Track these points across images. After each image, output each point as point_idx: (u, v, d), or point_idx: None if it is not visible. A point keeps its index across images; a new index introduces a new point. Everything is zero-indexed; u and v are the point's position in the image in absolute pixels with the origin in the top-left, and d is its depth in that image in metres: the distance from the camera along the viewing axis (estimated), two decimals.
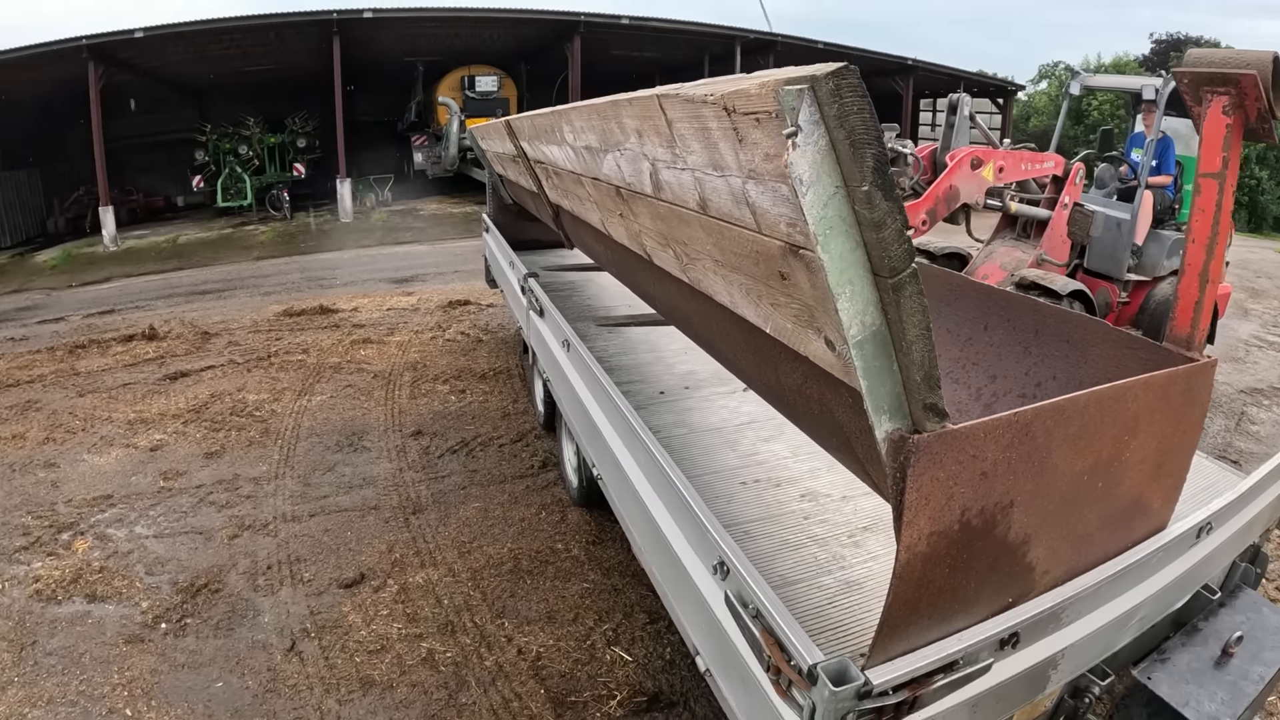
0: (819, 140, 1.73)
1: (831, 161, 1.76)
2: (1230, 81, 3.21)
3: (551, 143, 4.69)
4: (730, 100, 1.91)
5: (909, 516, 2.14)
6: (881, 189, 1.75)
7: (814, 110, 1.70)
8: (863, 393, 1.98)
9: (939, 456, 2.16)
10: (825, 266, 1.81)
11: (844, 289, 1.85)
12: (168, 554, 6.05)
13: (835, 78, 1.67)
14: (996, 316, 4.33)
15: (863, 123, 1.72)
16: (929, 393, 2.01)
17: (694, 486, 4.33)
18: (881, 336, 1.95)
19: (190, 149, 25.90)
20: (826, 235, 1.79)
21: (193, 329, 12.02)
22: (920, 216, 8.83)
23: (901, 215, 1.80)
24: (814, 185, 1.75)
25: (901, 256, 1.83)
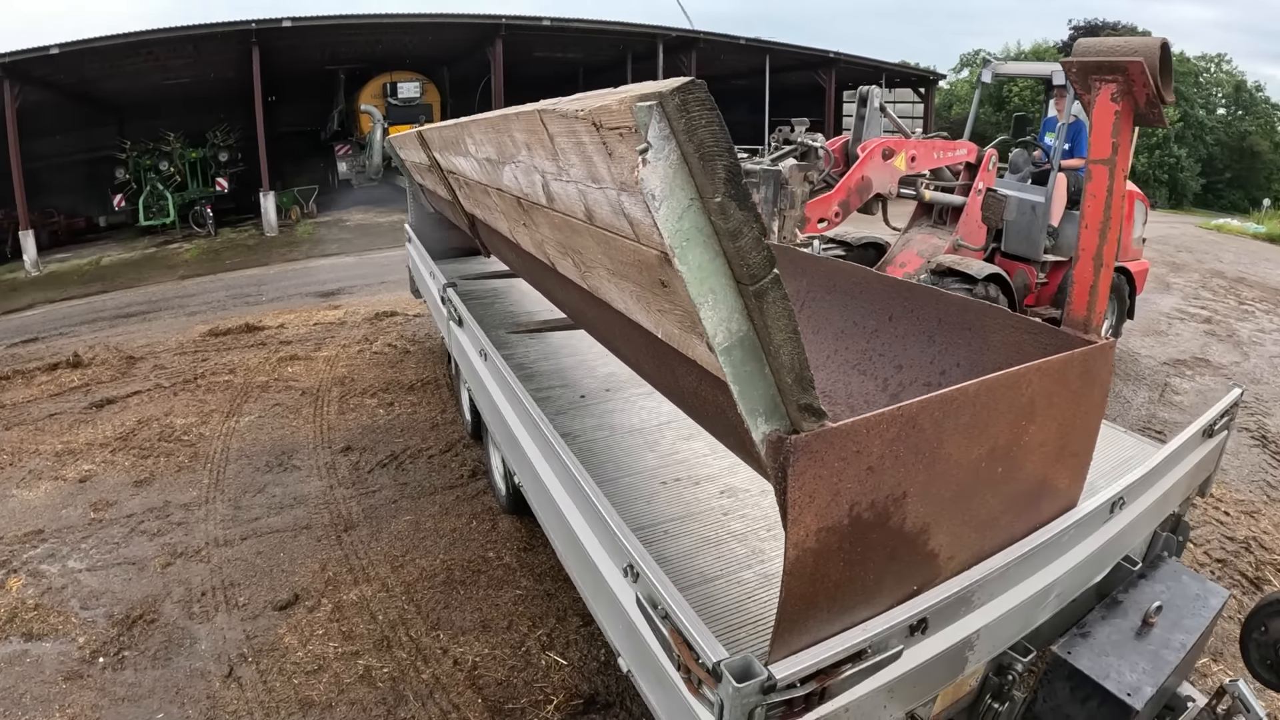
0: (670, 155, 1.75)
1: (684, 174, 1.79)
2: (1117, 69, 3.29)
3: (458, 154, 4.69)
4: (597, 116, 1.93)
5: (794, 514, 2.18)
6: (735, 199, 1.78)
7: (663, 125, 1.72)
8: (734, 397, 2.01)
9: (819, 455, 2.19)
10: (685, 277, 1.83)
11: (706, 298, 1.88)
12: (102, 587, 5.94)
13: (681, 93, 1.70)
14: (901, 307, 4.39)
15: (711, 135, 1.74)
16: (802, 394, 2.04)
17: (616, 488, 4.41)
18: (749, 342, 1.98)
19: (111, 167, 25.43)
20: (684, 247, 1.81)
21: (118, 354, 11.77)
22: (833, 209, 8.93)
23: (757, 224, 1.83)
24: (667, 199, 1.77)
25: (761, 264, 1.86)
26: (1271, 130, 53.92)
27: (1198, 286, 18.25)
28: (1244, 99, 54.92)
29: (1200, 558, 6.48)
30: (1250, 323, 14.94)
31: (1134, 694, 3.22)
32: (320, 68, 27.93)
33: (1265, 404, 10.37)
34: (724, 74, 35.20)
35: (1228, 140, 51.81)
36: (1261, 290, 18.49)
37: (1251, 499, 7.64)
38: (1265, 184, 49.82)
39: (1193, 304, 16.21)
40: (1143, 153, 44.70)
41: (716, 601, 3.37)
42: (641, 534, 3.92)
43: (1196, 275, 19.77)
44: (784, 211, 8.50)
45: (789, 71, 34.33)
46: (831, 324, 4.84)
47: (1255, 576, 6.29)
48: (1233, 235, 31.47)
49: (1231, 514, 7.28)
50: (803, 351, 1.99)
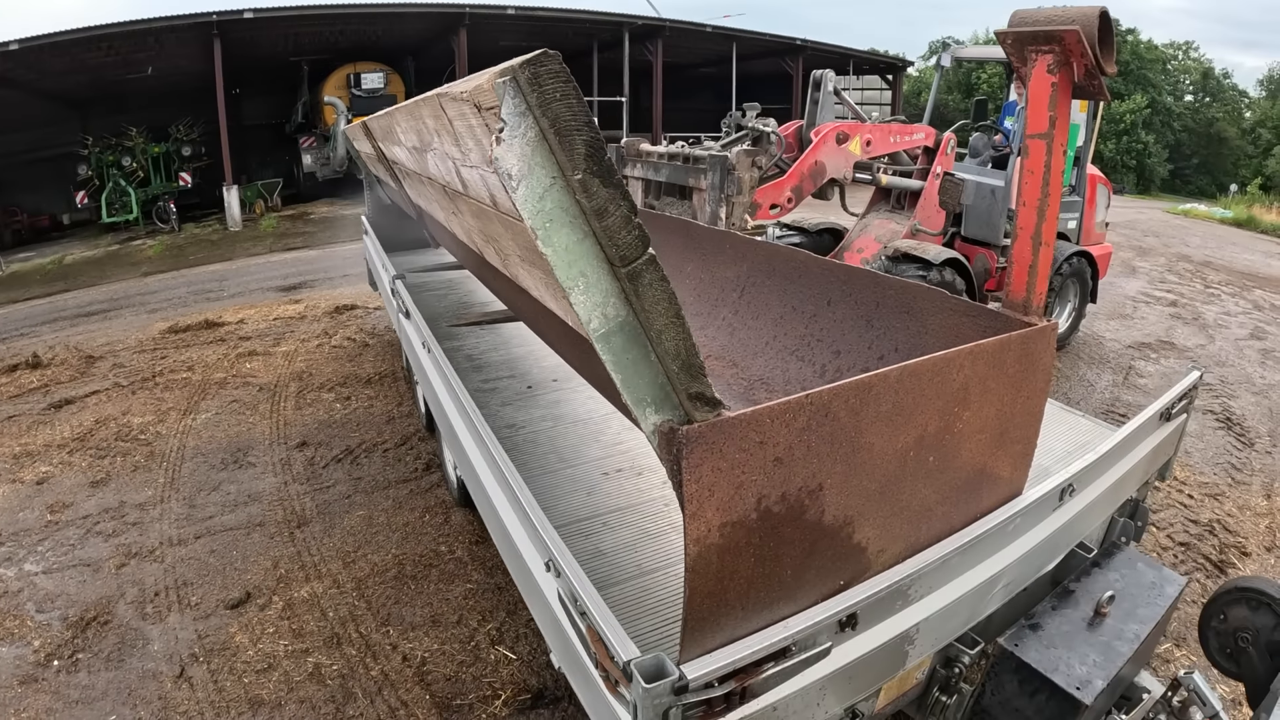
0: (526, 131, 1.67)
1: (544, 152, 1.70)
2: (1053, 39, 3.17)
3: (394, 143, 4.59)
4: (475, 97, 1.84)
5: (692, 509, 2.09)
6: (598, 175, 1.70)
7: (518, 101, 1.64)
8: (618, 386, 1.92)
9: (717, 445, 2.11)
10: (552, 260, 1.74)
11: (576, 282, 1.80)
12: (57, 589, 5.85)
13: (533, 65, 1.62)
14: (839, 291, 4.31)
15: (568, 109, 1.66)
16: (691, 381, 1.96)
17: (558, 480, 4.35)
18: (630, 328, 1.89)
19: (74, 164, 25.13)
20: (548, 228, 1.73)
21: (77, 354, 11.60)
22: (785, 194, 8.83)
23: (626, 201, 1.74)
24: (526, 178, 1.69)
25: (632, 244, 1.78)
26: (1239, 116, 54.64)
27: (1164, 270, 18.34)
28: (1211, 86, 55.62)
29: (1163, 541, 6.48)
30: (1216, 306, 15.02)
31: (1084, 688, 3.15)
32: (284, 59, 27.69)
33: (1230, 386, 10.40)
34: (691, 62, 35.26)
35: (1195, 126, 52.49)
36: (1227, 274, 18.60)
37: (1216, 481, 7.64)
38: (1232, 169, 50.52)
39: (1159, 287, 16.28)
40: (1110, 138, 45.11)
41: (653, 595, 3.30)
42: (580, 526, 3.89)
43: (1163, 259, 19.88)
44: (731, 198, 8.38)
45: (756, 59, 34.39)
46: (770, 309, 4.78)
47: (1219, 560, 6.29)
48: (1200, 220, 31.80)
49: (1195, 497, 7.29)
50: (689, 336, 1.90)
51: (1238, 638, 3.93)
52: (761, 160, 8.63)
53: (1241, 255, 21.96)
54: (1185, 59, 56.73)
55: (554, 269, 1.76)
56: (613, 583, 3.36)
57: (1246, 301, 15.60)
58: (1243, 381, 10.65)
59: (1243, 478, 7.79)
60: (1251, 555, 6.43)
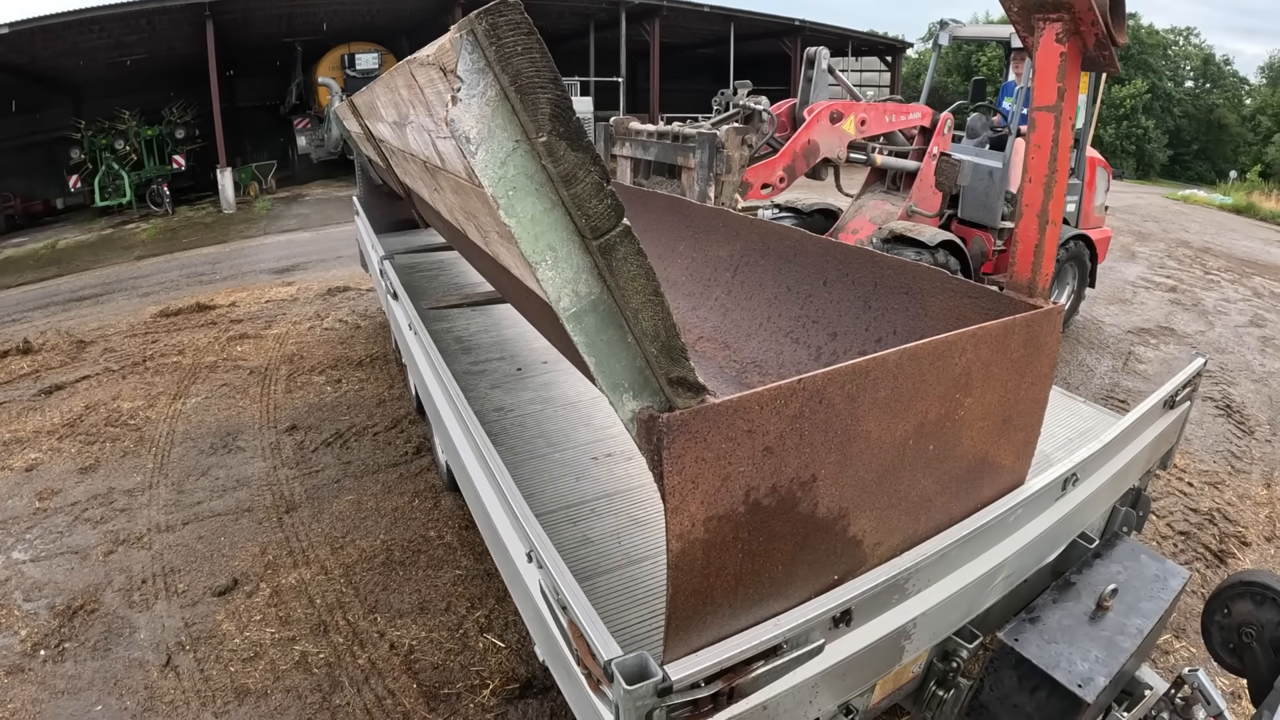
0: (486, 89, 1.53)
1: (505, 112, 1.57)
2: (1062, 6, 3.04)
3: (378, 120, 4.46)
4: (440, 59, 1.70)
5: (674, 502, 1.97)
6: (565, 138, 1.56)
7: (476, 56, 1.51)
8: (591, 370, 1.80)
9: (701, 434, 1.98)
10: (515, 233, 1.61)
11: (544, 256, 1.66)
12: (45, 578, 5.77)
13: (490, 15, 1.48)
14: (835, 271, 4.18)
15: (530, 63, 1.53)
16: (672, 365, 1.83)
17: (546, 464, 4.27)
18: (604, 306, 1.76)
19: (67, 147, 24.88)
20: (510, 197, 1.60)
21: (68, 339, 11.46)
22: (777, 173, 8.68)
23: (597, 167, 1.61)
24: (486, 141, 1.55)
25: (604, 214, 1.64)
26: (1239, 103, 54.66)
27: (1163, 256, 18.27)
28: (1212, 72, 55.65)
29: (1163, 530, 6.40)
30: (1215, 292, 14.95)
31: (1085, 685, 3.04)
32: (277, 40, 27.45)
33: (1230, 373, 10.33)
34: (689, 42, 35.09)
35: (1195, 113, 52.55)
36: (1227, 260, 18.53)
37: (1216, 469, 7.57)
38: (1232, 156, 50.60)
39: (1158, 273, 16.20)
40: (1110, 123, 45.07)
41: (640, 585, 3.20)
42: (568, 513, 3.79)
43: (1162, 245, 19.80)
44: (720, 177, 8.22)
45: (755, 40, 34.24)
46: (765, 289, 4.66)
47: (1219, 549, 6.22)
48: (1199, 206, 31.81)
49: (1195, 485, 7.22)
50: (668, 316, 1.77)
51: (1241, 632, 3.84)
52: (752, 138, 8.46)
53: (1241, 242, 21.89)
54: (1186, 45, 56.63)
55: (519, 241, 1.63)
56: (600, 572, 3.27)
57: (1246, 289, 15.52)
58: (1242, 369, 10.57)
59: (1242, 466, 7.71)
60: (1251, 545, 6.37)
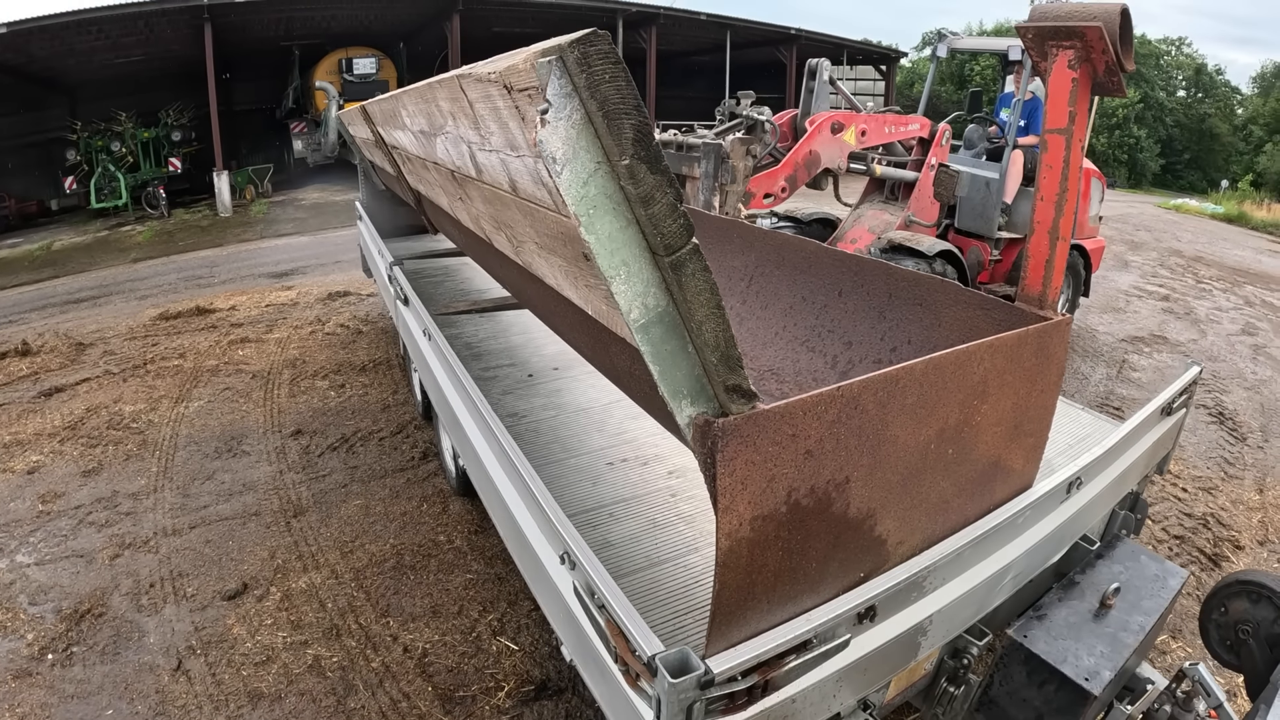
0: (572, 114, 1.62)
1: (589, 135, 1.66)
2: (1075, 35, 3.17)
3: (397, 127, 4.54)
4: (507, 78, 1.79)
5: (725, 502, 2.06)
6: (646, 161, 1.66)
7: (564, 82, 1.60)
8: (655, 378, 1.89)
9: (751, 439, 2.08)
10: (594, 249, 1.71)
11: (619, 270, 1.76)
12: (50, 581, 5.77)
13: (582, 45, 1.57)
14: (850, 282, 4.28)
15: (617, 91, 1.62)
16: (729, 374, 1.92)
17: (562, 470, 4.31)
18: (670, 318, 1.86)
19: (62, 149, 24.84)
20: (591, 215, 1.69)
21: (67, 341, 11.47)
22: (779, 183, 8.78)
23: (672, 189, 1.71)
24: (570, 162, 1.64)
25: (677, 233, 1.74)
26: (1231, 113, 54.99)
27: (1156, 265, 18.41)
28: (1204, 82, 55.95)
29: (1159, 534, 6.50)
30: (1208, 301, 15.08)
31: (1092, 678, 3.16)
32: (275, 44, 27.46)
33: (1222, 381, 10.46)
34: (685, 50, 35.20)
35: (1187, 122, 52.80)
36: (1219, 269, 18.68)
37: (1209, 475, 7.68)
38: (1224, 165, 50.90)
39: (1151, 282, 16.33)
40: (1103, 133, 45.33)
41: (662, 586, 3.28)
42: (586, 517, 3.86)
43: (1155, 254, 19.95)
44: (725, 186, 8.31)
45: (750, 48, 34.32)
46: (780, 299, 4.74)
47: (1213, 553, 6.32)
48: (1191, 215, 31.99)
49: (1189, 490, 7.32)
50: (728, 328, 1.87)
51: (1238, 630, 3.95)
52: (756, 149, 8.57)
53: (1233, 251, 22.06)
54: (1178, 55, 56.99)
55: (596, 257, 1.72)
56: (622, 574, 3.34)
57: (1238, 297, 15.67)
58: (1235, 376, 10.70)
59: (1235, 472, 7.82)
60: (1245, 549, 6.47)
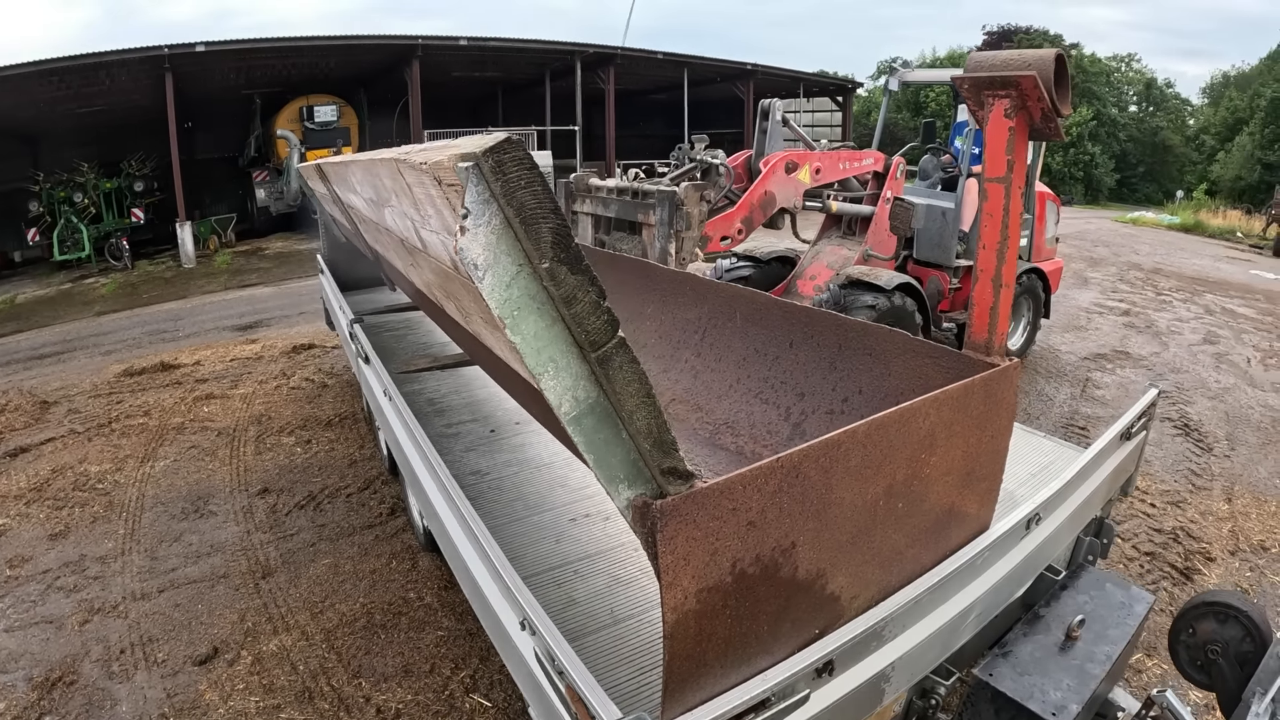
0: (491, 219, 1.66)
1: (509, 239, 1.69)
2: (1010, 84, 3.24)
3: (350, 190, 4.56)
4: (436, 171, 1.82)
5: (668, 579, 2.08)
6: (566, 263, 1.69)
7: (482, 189, 1.63)
8: (591, 465, 1.91)
9: (690, 516, 2.11)
10: (520, 348, 1.73)
11: (546, 368, 1.79)
12: (20, 648, 5.69)
13: (495, 153, 1.61)
14: (801, 334, 4.32)
15: (533, 196, 1.65)
16: (664, 458, 1.95)
17: (525, 527, 4.32)
18: (601, 409, 1.89)
19: (24, 200, 24.61)
20: (516, 316, 1.72)
21: (31, 399, 11.33)
22: (736, 225, 8.84)
23: (594, 288, 1.74)
24: (492, 267, 1.68)
25: (602, 329, 1.77)
26: (1182, 124, 55.82)
27: (1115, 279, 18.61)
28: (1155, 95, 56.84)
29: (1129, 552, 6.53)
30: (1168, 312, 15.26)
31: (1059, 713, 3.19)
32: (236, 92, 27.44)
33: (1186, 393, 10.56)
34: (643, 88, 35.47)
35: (1140, 136, 53.59)
36: (1178, 279, 18.91)
37: (1177, 489, 7.74)
38: (1178, 176, 51.66)
39: (1111, 297, 16.50)
40: (1058, 151, 45.93)
41: (627, 644, 3.29)
42: (551, 575, 3.86)
43: (1114, 268, 20.17)
44: (680, 233, 8.35)
45: (708, 85, 34.57)
46: (733, 352, 4.78)
47: (1185, 567, 6.36)
48: (1148, 227, 32.45)
49: (1158, 505, 7.38)
50: (660, 414, 1.90)
51: (1207, 650, 3.98)
52: (710, 194, 8.61)
53: (1191, 260, 22.35)
54: (1128, 71, 57.89)
55: (523, 356, 1.75)
56: (587, 632, 3.35)
57: (1198, 306, 15.87)
58: (1198, 387, 10.82)
59: (1203, 483, 7.90)
60: (1216, 560, 6.52)
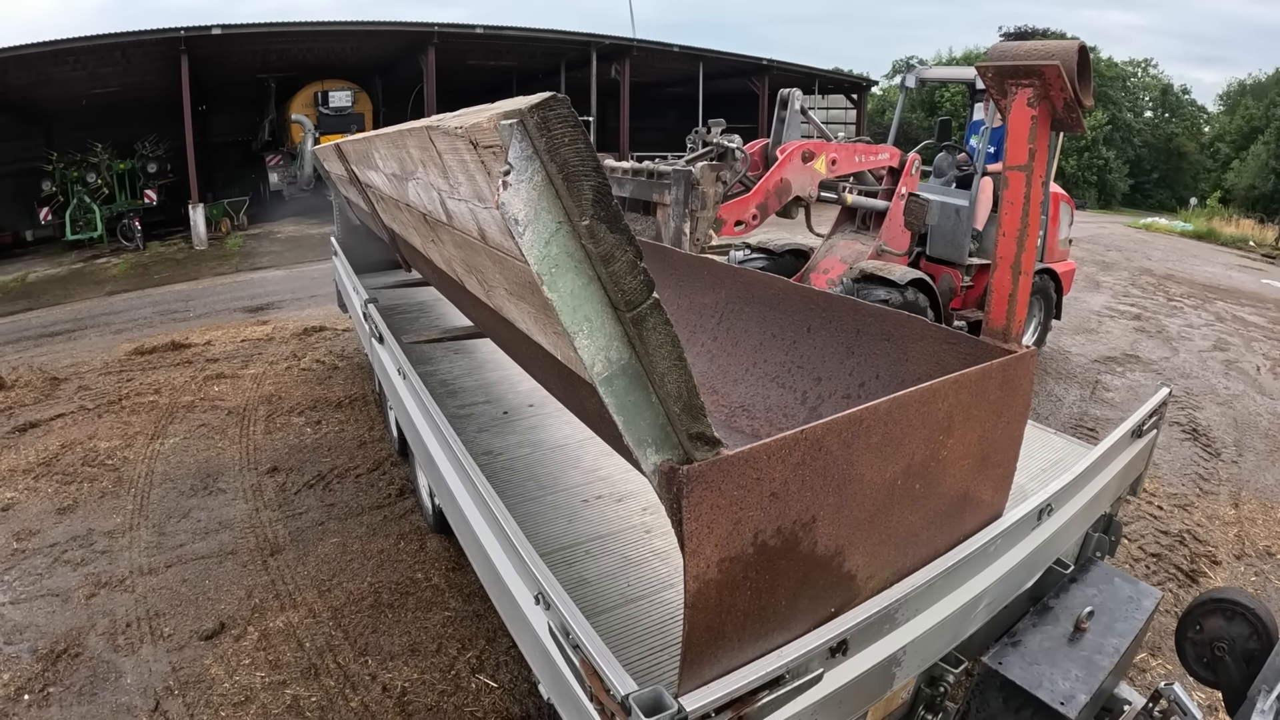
0: (533, 176, 1.66)
1: (550, 196, 1.70)
2: (1034, 74, 3.24)
3: (370, 168, 4.56)
4: (472, 134, 1.83)
5: (692, 546, 2.09)
6: (605, 221, 1.70)
7: (525, 145, 1.63)
8: (619, 428, 1.92)
9: (716, 484, 2.11)
10: (556, 305, 1.74)
11: (581, 326, 1.80)
12: (26, 620, 5.71)
13: (542, 110, 1.61)
14: (819, 319, 4.33)
15: (576, 154, 1.66)
16: (693, 422, 1.96)
17: (538, 507, 4.31)
18: (633, 371, 1.90)
19: (38, 179, 24.67)
20: (553, 274, 1.73)
21: (42, 375, 11.40)
22: (750, 210, 8.85)
23: (632, 247, 1.75)
24: (533, 223, 1.68)
25: (638, 289, 1.78)
26: (1198, 131, 55.52)
27: (1127, 284, 18.57)
28: (1170, 101, 56.52)
29: (1135, 553, 6.54)
30: (1179, 318, 15.23)
31: (1068, 702, 3.20)
32: (251, 76, 27.44)
33: (1195, 398, 10.55)
34: (658, 81, 35.38)
35: (1155, 142, 53.35)
36: (1189, 286, 18.87)
37: (1184, 492, 7.75)
38: (1192, 183, 51.41)
39: (1123, 301, 16.48)
40: (1072, 155, 45.77)
41: (638, 624, 3.29)
42: (562, 554, 3.86)
43: (1126, 273, 20.13)
44: (696, 213, 8.35)
45: (723, 79, 34.53)
46: (750, 336, 4.79)
47: (1190, 569, 6.37)
48: (1161, 234, 32.35)
49: (1165, 508, 7.39)
50: (690, 379, 1.91)
51: (1214, 647, 3.99)
52: (726, 175, 8.61)
53: (1203, 268, 22.30)
54: (1145, 76, 57.62)
55: (559, 314, 1.76)
56: (598, 611, 3.35)
57: (1209, 313, 15.84)
58: (1207, 393, 10.81)
59: (1210, 487, 7.90)
60: (1222, 564, 6.52)
